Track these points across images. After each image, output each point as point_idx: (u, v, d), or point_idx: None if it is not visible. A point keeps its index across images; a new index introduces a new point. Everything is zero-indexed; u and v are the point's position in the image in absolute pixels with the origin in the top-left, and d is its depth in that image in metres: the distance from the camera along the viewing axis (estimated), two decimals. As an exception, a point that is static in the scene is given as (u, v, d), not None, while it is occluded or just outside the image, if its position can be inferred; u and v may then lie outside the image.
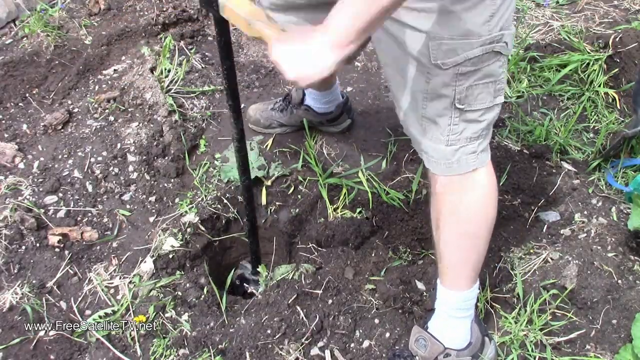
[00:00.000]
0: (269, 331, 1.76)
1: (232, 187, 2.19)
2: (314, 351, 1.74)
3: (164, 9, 2.83)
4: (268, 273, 1.95)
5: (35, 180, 2.12)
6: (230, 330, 1.79)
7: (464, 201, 1.49)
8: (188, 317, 1.81)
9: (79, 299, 1.85)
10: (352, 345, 1.76)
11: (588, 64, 2.60)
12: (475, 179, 1.47)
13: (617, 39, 2.62)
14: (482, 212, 1.52)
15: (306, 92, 2.30)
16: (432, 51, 1.27)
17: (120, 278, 1.90)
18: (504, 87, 1.40)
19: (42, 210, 2.02)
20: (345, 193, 2.15)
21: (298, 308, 1.80)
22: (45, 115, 2.38)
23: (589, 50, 2.65)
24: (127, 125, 2.31)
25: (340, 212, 2.11)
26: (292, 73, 1.14)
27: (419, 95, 1.37)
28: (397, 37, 1.32)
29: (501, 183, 2.17)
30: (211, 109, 2.50)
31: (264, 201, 2.18)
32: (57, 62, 2.60)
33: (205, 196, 2.14)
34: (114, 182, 2.15)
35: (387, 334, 1.76)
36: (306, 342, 1.74)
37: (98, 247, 1.98)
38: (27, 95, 2.51)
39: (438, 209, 1.53)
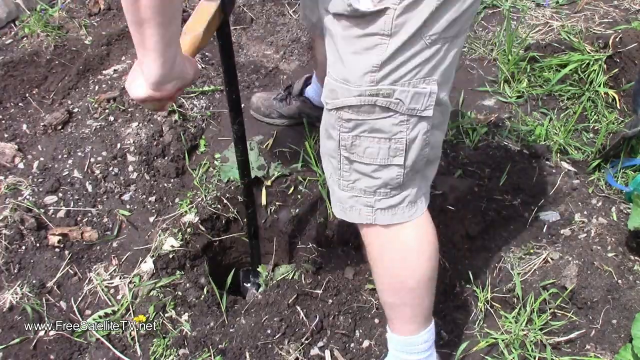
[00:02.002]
0: (269, 331, 1.76)
1: (232, 187, 2.19)
2: (314, 351, 1.74)
3: (164, 9, 2.82)
4: (268, 273, 1.95)
5: (35, 180, 2.12)
6: (230, 330, 1.79)
7: (385, 257, 1.40)
8: (188, 317, 1.81)
9: (79, 299, 1.85)
10: (352, 345, 1.76)
11: (588, 64, 2.60)
12: (395, 235, 1.35)
13: (617, 39, 2.61)
14: (406, 269, 1.39)
15: (313, 84, 2.34)
16: (324, 87, 1.23)
17: (120, 278, 1.90)
18: (409, 149, 1.23)
19: (42, 210, 2.02)
20: (345, 193, 2.15)
21: (298, 308, 1.80)
22: (45, 115, 2.38)
23: (589, 50, 2.65)
24: (127, 125, 2.31)
25: (340, 212, 2.11)
26: (127, 84, 1.19)
27: (322, 129, 1.32)
28: None
29: (501, 183, 2.17)
30: (211, 109, 2.51)
31: (264, 201, 2.18)
32: (57, 62, 2.60)
33: (205, 196, 2.14)
34: (114, 182, 2.15)
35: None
36: (306, 342, 1.74)
37: (98, 247, 1.98)
38: (27, 95, 2.51)
39: (368, 259, 1.46)
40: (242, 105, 2.55)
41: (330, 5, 1.13)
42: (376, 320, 1.80)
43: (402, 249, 1.38)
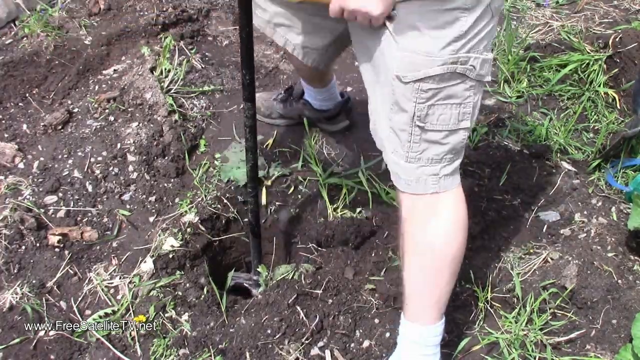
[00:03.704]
0: (269, 331, 1.76)
1: (232, 187, 2.19)
2: (314, 351, 1.74)
3: (164, 9, 2.83)
4: (268, 273, 1.95)
5: (35, 180, 2.12)
6: (230, 330, 1.79)
7: (427, 231, 1.45)
8: (188, 317, 1.81)
9: (79, 299, 1.85)
10: (352, 345, 1.76)
11: (588, 64, 2.60)
12: (439, 206, 1.43)
13: (617, 39, 2.62)
14: (445, 244, 1.46)
15: (305, 88, 2.34)
16: (397, 62, 1.27)
17: (120, 278, 1.90)
18: (473, 113, 1.36)
19: (42, 210, 2.02)
20: (345, 193, 2.15)
21: (298, 308, 1.80)
22: (45, 115, 2.38)
23: (589, 50, 2.65)
24: (127, 125, 2.31)
25: (340, 212, 2.11)
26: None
27: (387, 105, 1.36)
28: (373, 45, 1.32)
29: (501, 183, 2.17)
30: (211, 109, 2.51)
31: (264, 201, 2.18)
32: (57, 62, 2.60)
33: (205, 196, 2.14)
34: (114, 182, 2.15)
35: (387, 334, 1.76)
36: (306, 342, 1.74)
37: (98, 247, 1.98)
38: (27, 95, 2.51)
39: (402, 236, 1.50)
40: (242, 105, 2.56)
41: None
42: (376, 320, 1.80)
43: (445, 222, 1.45)
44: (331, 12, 1.26)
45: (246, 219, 1.92)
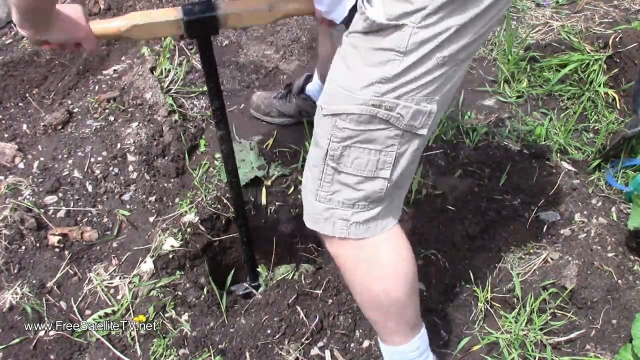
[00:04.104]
0: (269, 331, 1.76)
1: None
2: (314, 351, 1.74)
3: (164, 9, 2.83)
4: (268, 273, 1.95)
5: (35, 180, 2.12)
6: (230, 330, 1.79)
7: (358, 274, 1.36)
8: (188, 317, 1.81)
9: (79, 299, 1.85)
10: (352, 345, 1.76)
11: (588, 64, 2.60)
12: (369, 251, 1.33)
13: (617, 39, 2.61)
14: (381, 286, 1.35)
15: (314, 84, 2.34)
16: (324, 90, 1.23)
17: (120, 278, 1.90)
18: (396, 164, 1.23)
19: (42, 210, 2.02)
20: (345, 193, 2.15)
21: (298, 308, 1.80)
22: (45, 115, 2.38)
23: (589, 50, 2.65)
24: (127, 125, 2.31)
25: (340, 212, 2.11)
26: None
27: (314, 136, 1.30)
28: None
29: (501, 183, 2.17)
30: (211, 109, 2.50)
31: (264, 201, 2.18)
32: (57, 62, 2.60)
33: (205, 196, 2.14)
34: (114, 182, 2.15)
35: (387, 334, 1.76)
36: (306, 342, 1.74)
37: (98, 247, 1.98)
38: (27, 95, 2.51)
39: (344, 276, 1.43)
40: (242, 105, 2.56)
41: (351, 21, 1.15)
42: (376, 320, 1.80)
43: (375, 263, 1.34)
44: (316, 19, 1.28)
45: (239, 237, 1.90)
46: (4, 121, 2.38)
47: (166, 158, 2.25)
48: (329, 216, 1.30)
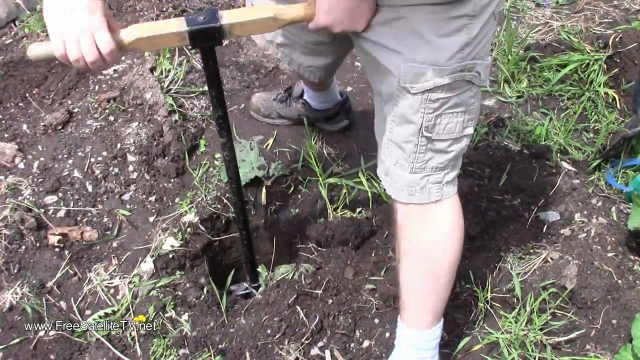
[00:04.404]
0: (269, 331, 1.76)
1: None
2: (314, 351, 1.74)
3: (164, 9, 2.83)
4: (268, 273, 1.95)
5: (35, 180, 2.12)
6: (230, 330, 1.79)
7: (423, 237, 1.43)
8: (188, 317, 1.81)
9: (79, 299, 1.85)
10: (352, 345, 1.76)
11: (588, 64, 2.60)
12: (436, 212, 1.42)
13: (617, 39, 2.62)
14: (442, 250, 1.45)
15: (305, 90, 2.33)
16: (402, 74, 1.26)
17: (120, 278, 1.90)
18: (475, 119, 1.37)
19: (42, 210, 2.02)
20: (345, 193, 2.15)
21: (298, 308, 1.80)
22: (45, 115, 2.38)
23: (589, 50, 2.65)
24: (127, 125, 2.31)
25: (340, 212, 2.11)
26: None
27: (389, 117, 1.35)
28: (376, 57, 1.31)
29: (501, 183, 2.17)
30: (211, 108, 2.50)
31: (264, 201, 2.18)
32: (57, 62, 2.60)
33: (205, 196, 2.14)
34: (114, 182, 2.15)
35: (387, 334, 1.76)
36: (306, 342, 1.74)
37: (98, 247, 1.98)
38: (27, 95, 2.51)
39: (398, 242, 1.48)
40: (242, 105, 2.56)
41: None
42: (376, 320, 1.80)
43: (442, 228, 1.43)
44: (310, 28, 1.29)
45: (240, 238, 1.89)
46: (4, 121, 2.38)
47: (166, 158, 2.25)
48: (425, 184, 1.38)
